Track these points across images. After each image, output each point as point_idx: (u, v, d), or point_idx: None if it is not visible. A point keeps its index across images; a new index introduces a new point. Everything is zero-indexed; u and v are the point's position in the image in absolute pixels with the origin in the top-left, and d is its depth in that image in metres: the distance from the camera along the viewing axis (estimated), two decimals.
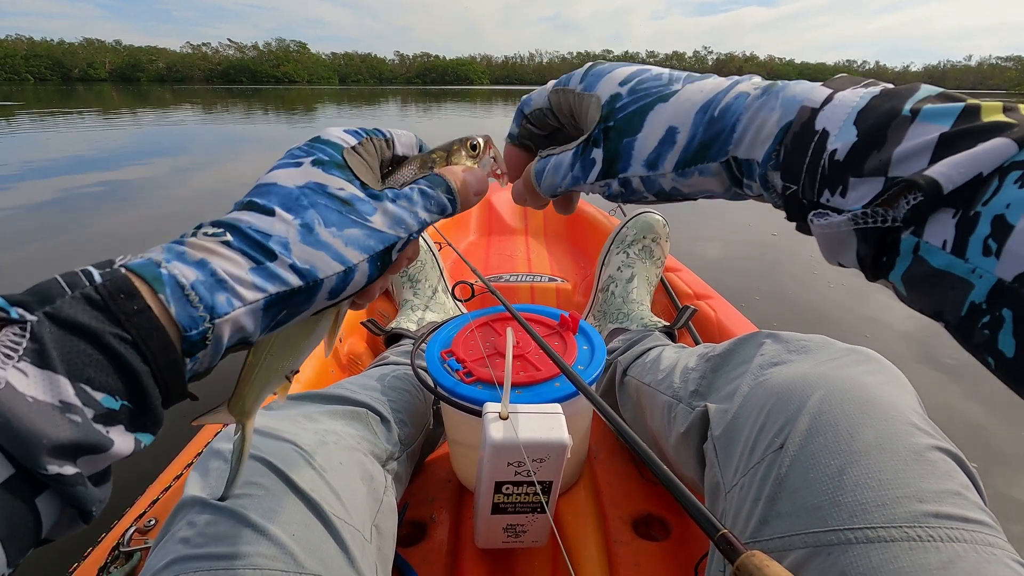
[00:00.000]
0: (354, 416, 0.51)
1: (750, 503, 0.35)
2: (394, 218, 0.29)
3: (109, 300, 0.22)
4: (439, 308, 0.95)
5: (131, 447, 0.23)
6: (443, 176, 0.32)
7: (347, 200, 0.28)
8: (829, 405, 0.35)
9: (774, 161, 0.25)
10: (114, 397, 0.22)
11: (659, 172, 0.29)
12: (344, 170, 0.29)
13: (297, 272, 0.26)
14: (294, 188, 0.27)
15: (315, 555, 0.34)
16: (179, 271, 0.23)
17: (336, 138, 0.30)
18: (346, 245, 0.27)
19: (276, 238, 0.26)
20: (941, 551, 0.27)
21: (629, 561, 0.56)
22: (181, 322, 0.23)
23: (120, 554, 0.48)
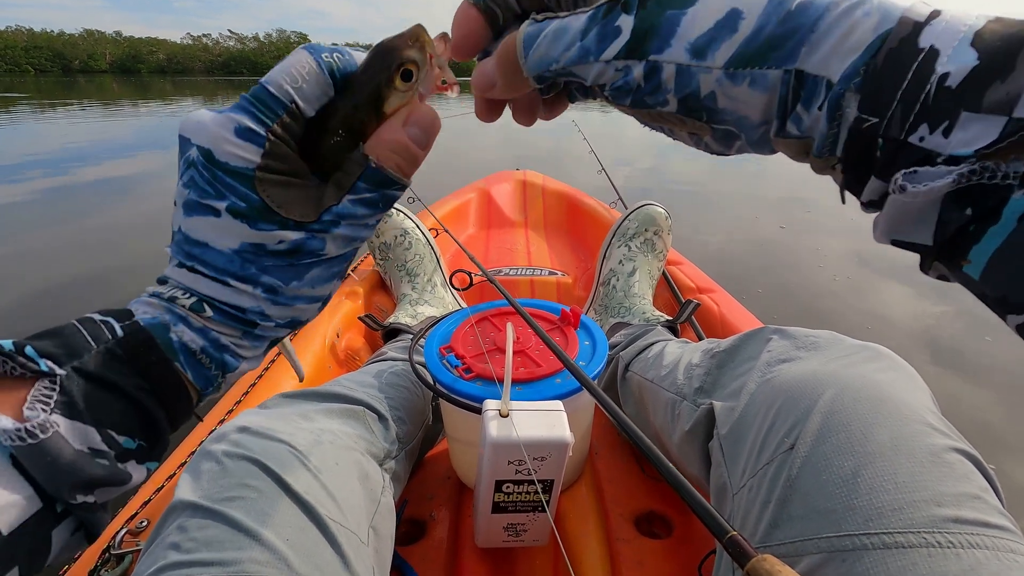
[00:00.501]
0: (351, 414, 0.49)
1: (759, 505, 0.34)
2: (346, 239, 0.27)
3: (131, 354, 0.24)
4: (438, 303, 0.94)
5: (143, 476, 0.25)
6: (381, 170, 0.27)
7: (292, 250, 0.26)
8: (841, 404, 0.34)
9: (860, 79, 0.19)
10: (133, 439, 0.24)
11: (705, 64, 0.22)
12: (271, 217, 0.25)
13: (283, 327, 0.28)
14: (232, 254, 0.26)
15: (309, 560, 0.33)
16: (189, 338, 0.26)
17: (236, 159, 0.25)
18: (314, 288, 0.28)
19: (250, 311, 0.27)
20: (962, 558, 0.26)
21: (632, 559, 0.55)
22: (198, 384, 0.26)
23: (111, 556, 0.47)
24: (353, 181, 0.27)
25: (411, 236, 0.98)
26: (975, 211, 0.17)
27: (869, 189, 0.20)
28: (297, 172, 0.26)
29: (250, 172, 0.25)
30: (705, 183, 3.92)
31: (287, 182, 0.26)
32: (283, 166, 0.26)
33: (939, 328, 1.71)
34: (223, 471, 0.37)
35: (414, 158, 0.27)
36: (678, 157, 5.04)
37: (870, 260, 2.28)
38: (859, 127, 0.19)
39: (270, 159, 0.25)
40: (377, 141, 0.27)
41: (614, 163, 4.46)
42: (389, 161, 0.27)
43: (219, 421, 0.65)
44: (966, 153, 0.16)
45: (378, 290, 1.05)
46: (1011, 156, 0.16)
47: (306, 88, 0.26)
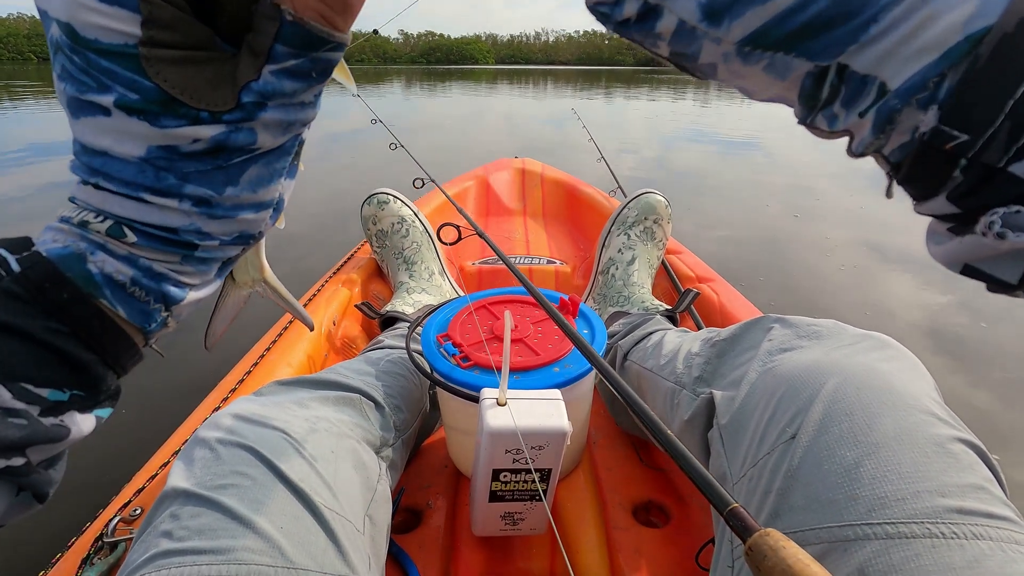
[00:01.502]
0: (347, 402, 0.49)
1: (760, 495, 0.34)
2: (281, 124, 0.22)
3: (35, 292, 0.19)
4: (435, 291, 0.93)
5: (91, 426, 0.21)
6: (301, 23, 0.20)
7: (215, 149, 0.21)
8: (844, 393, 0.33)
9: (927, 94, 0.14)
10: (61, 390, 0.20)
11: (715, 32, 0.18)
12: (174, 108, 0.19)
13: (229, 244, 0.23)
14: (139, 162, 0.20)
15: (304, 548, 0.33)
16: (113, 268, 0.21)
17: (106, 33, 0.18)
18: (255, 191, 0.22)
19: (183, 229, 0.22)
20: (966, 549, 0.25)
21: (629, 548, 0.55)
22: (135, 322, 0.21)
23: (104, 545, 0.46)
24: (269, 44, 0.20)
25: (408, 224, 0.97)
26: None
27: (934, 206, 0.16)
28: (196, 42, 0.20)
29: (131, 50, 0.19)
30: (711, 172, 3.91)
31: (185, 57, 0.19)
32: (175, 36, 0.19)
33: (944, 319, 1.71)
34: (216, 458, 0.36)
35: (343, 2, 0.20)
36: (684, 147, 5.03)
37: (879, 249, 2.27)
38: (938, 144, 0.15)
39: (154, 29, 0.19)
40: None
41: (619, 152, 4.45)
42: (307, 9, 0.20)
43: (213, 408, 0.64)
44: None
45: (375, 278, 1.04)
46: None
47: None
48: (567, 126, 5.54)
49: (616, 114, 8.02)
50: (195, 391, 0.72)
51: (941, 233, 0.16)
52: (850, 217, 2.75)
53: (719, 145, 5.17)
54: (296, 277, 1.62)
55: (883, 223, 2.60)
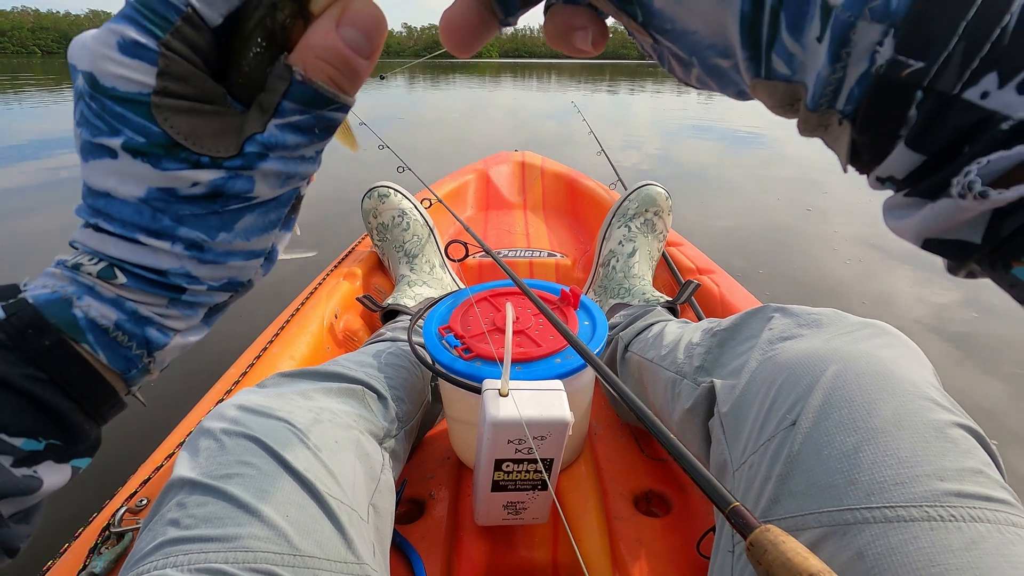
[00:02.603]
0: (350, 393, 0.49)
1: (760, 481, 0.34)
2: (280, 176, 0.22)
3: (16, 338, 0.19)
4: (436, 284, 0.93)
5: (66, 477, 0.21)
6: (309, 84, 0.21)
7: (211, 194, 0.21)
8: (844, 380, 0.34)
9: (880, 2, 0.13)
10: (36, 439, 0.20)
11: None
12: (176, 152, 0.20)
13: (219, 290, 0.23)
14: (138, 204, 0.21)
15: (309, 536, 0.33)
16: (98, 312, 0.21)
17: (124, 83, 0.19)
18: (249, 239, 0.22)
19: (172, 272, 0.22)
20: (964, 531, 0.26)
21: (630, 537, 0.55)
22: (116, 367, 0.21)
23: (111, 535, 0.47)
24: (277, 101, 0.21)
25: (409, 217, 0.97)
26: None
27: (894, 162, 0.15)
28: (207, 96, 0.21)
29: (144, 98, 0.20)
30: (716, 166, 3.90)
31: (194, 108, 0.20)
32: (187, 88, 0.20)
33: (951, 314, 1.71)
34: (221, 448, 0.36)
35: (352, 69, 0.21)
36: (688, 141, 5.02)
37: (886, 244, 2.27)
38: (895, 73, 0.13)
39: (168, 80, 0.20)
40: (303, 47, 0.21)
41: (623, 147, 4.43)
42: (319, 72, 0.21)
43: (217, 400, 0.64)
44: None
45: (376, 271, 1.04)
46: None
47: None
48: (570, 120, 5.53)
49: (620, 108, 8.00)
50: (198, 384, 0.73)
51: (901, 206, 0.15)
52: (858, 212, 2.74)
53: (724, 139, 5.16)
54: (298, 270, 1.62)
55: None
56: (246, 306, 0.36)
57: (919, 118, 0.14)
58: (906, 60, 0.13)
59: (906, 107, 0.14)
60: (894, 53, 0.13)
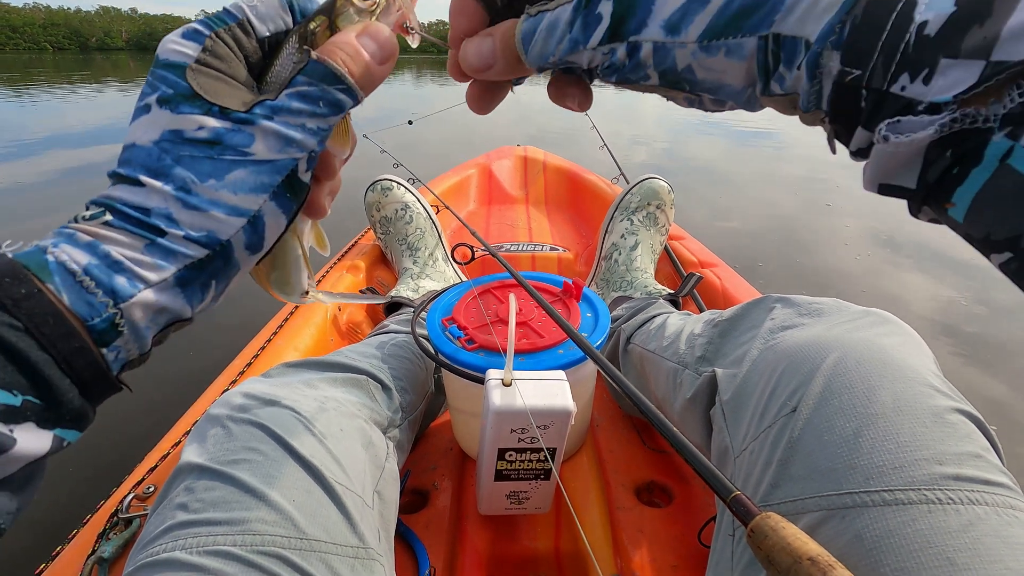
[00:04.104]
0: (354, 383, 0.50)
1: (761, 467, 0.34)
2: (279, 138, 0.24)
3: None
4: (439, 276, 0.93)
5: (46, 445, 0.20)
6: (323, 62, 0.25)
7: (212, 140, 0.23)
8: (844, 367, 0.34)
9: (836, 37, 0.19)
10: (11, 392, 0.19)
11: (679, 39, 0.22)
12: (195, 101, 0.24)
13: (195, 241, 0.24)
14: (151, 146, 0.23)
15: (316, 520, 0.34)
16: (68, 256, 0.21)
17: (174, 55, 0.24)
18: (236, 193, 0.24)
19: (156, 211, 0.23)
20: (961, 514, 0.26)
21: (632, 527, 0.56)
22: (78, 311, 0.21)
23: (119, 520, 0.47)
24: (293, 76, 0.25)
25: (412, 210, 0.97)
26: (957, 153, 0.17)
27: (856, 139, 0.20)
28: (236, 77, 0.25)
29: (184, 63, 0.24)
30: (724, 162, 3.89)
31: (221, 78, 0.25)
32: (221, 65, 0.25)
33: (957, 314, 1.70)
34: (228, 435, 0.37)
35: (364, 63, 0.25)
36: (696, 137, 5.00)
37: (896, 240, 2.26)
38: (843, 80, 0.19)
39: (208, 55, 0.24)
40: (325, 43, 0.26)
41: (631, 143, 4.42)
42: (333, 55, 0.25)
43: (222, 391, 0.65)
44: (945, 99, 0.17)
45: (379, 264, 1.05)
46: (990, 100, 0.16)
47: (261, 7, 0.26)
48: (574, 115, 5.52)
49: (628, 105, 7.97)
50: (204, 375, 0.73)
51: (865, 167, 0.20)
52: (867, 209, 2.73)
53: (732, 136, 5.14)
54: None
55: (902, 216, 2.60)
56: (251, 298, 0.36)
57: (867, 107, 0.19)
58: (849, 70, 0.19)
59: (857, 102, 0.19)
60: (841, 66, 0.19)
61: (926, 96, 0.17)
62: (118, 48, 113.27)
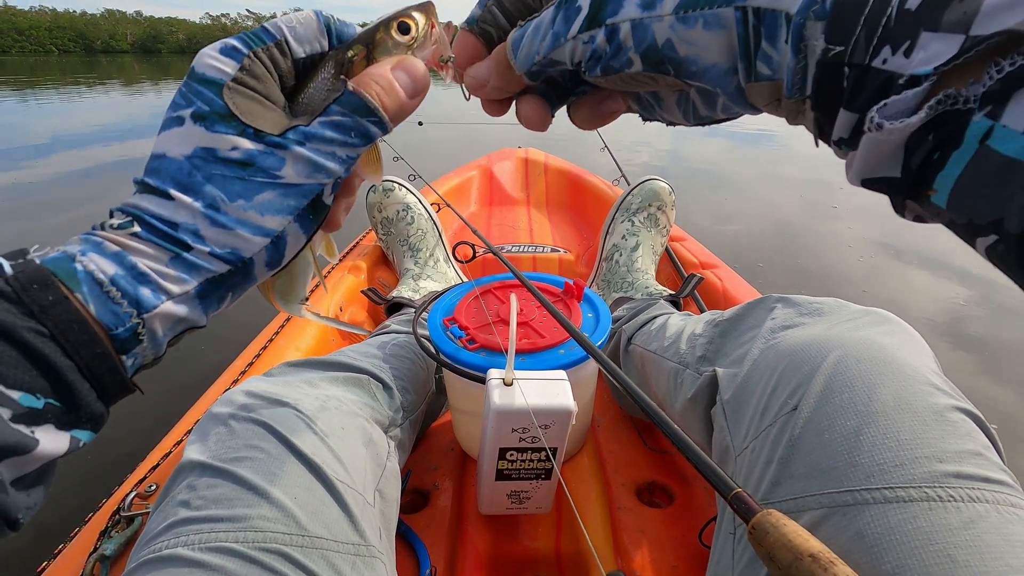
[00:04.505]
0: (356, 382, 0.50)
1: (762, 465, 0.34)
2: (309, 164, 0.25)
3: (21, 292, 0.20)
4: (440, 277, 0.94)
5: (64, 446, 0.21)
6: (359, 94, 0.25)
7: (245, 161, 0.24)
8: (845, 366, 0.34)
9: (819, 6, 0.19)
10: (35, 395, 0.20)
11: (655, 12, 0.23)
12: (230, 121, 0.24)
13: (219, 258, 0.24)
14: (183, 160, 0.24)
15: (317, 518, 0.34)
16: (96, 265, 0.22)
17: (211, 70, 0.25)
18: (262, 215, 0.25)
19: (184, 226, 0.23)
20: (962, 511, 0.26)
21: (633, 527, 0.56)
22: (104, 321, 0.21)
23: (121, 519, 0.47)
24: (328, 105, 0.25)
25: (413, 211, 0.97)
26: (938, 137, 0.17)
27: (839, 124, 0.20)
28: (271, 97, 0.26)
29: (221, 81, 0.24)
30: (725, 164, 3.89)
31: (256, 98, 0.25)
32: (257, 85, 0.25)
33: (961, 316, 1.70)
34: (230, 433, 0.37)
35: (397, 97, 0.26)
36: (697, 139, 4.99)
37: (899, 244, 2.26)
38: (826, 57, 0.19)
39: (245, 74, 0.25)
40: (361, 74, 0.26)
41: (633, 145, 4.41)
42: (368, 88, 0.26)
43: (225, 389, 0.65)
44: (926, 71, 0.17)
45: (380, 265, 1.05)
46: (970, 79, 0.16)
47: (299, 29, 0.26)
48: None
49: None
50: (206, 374, 0.73)
51: (849, 161, 0.20)
52: (871, 212, 2.72)
53: (734, 138, 5.13)
54: None
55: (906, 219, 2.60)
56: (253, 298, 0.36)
57: (849, 86, 0.19)
58: (832, 47, 0.19)
59: (840, 80, 0.19)
60: (825, 43, 0.19)
61: (907, 68, 0.17)
62: (123, 51, 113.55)
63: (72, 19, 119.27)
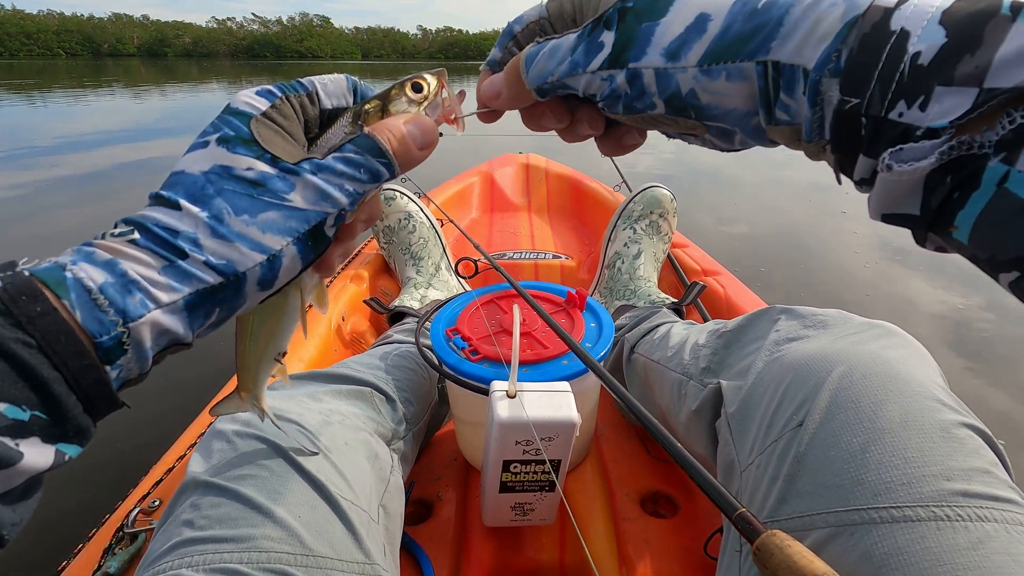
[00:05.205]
0: (358, 395, 0.50)
1: (767, 482, 0.34)
2: (317, 193, 0.26)
3: (9, 303, 0.20)
4: (442, 286, 0.94)
5: (49, 460, 0.21)
6: (372, 137, 0.28)
7: (257, 181, 0.25)
8: (850, 381, 0.34)
9: (833, 64, 0.20)
10: (20, 407, 0.20)
11: (680, 64, 0.24)
12: (251, 146, 0.26)
13: (213, 268, 0.24)
14: (199, 175, 0.25)
15: (322, 537, 0.34)
16: (86, 273, 0.22)
17: (245, 105, 0.27)
18: (264, 232, 0.25)
19: (184, 234, 0.24)
20: (970, 531, 0.26)
21: (637, 538, 0.56)
22: (89, 328, 0.21)
23: (124, 535, 0.47)
24: (343, 143, 0.28)
25: (415, 220, 0.97)
26: (956, 179, 0.18)
27: (859, 168, 0.21)
28: (293, 135, 0.28)
29: (251, 114, 0.27)
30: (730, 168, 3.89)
31: (279, 132, 0.27)
32: (283, 121, 0.27)
33: (966, 320, 1.69)
34: (234, 450, 0.37)
35: (407, 147, 0.28)
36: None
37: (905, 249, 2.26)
38: (842, 108, 0.20)
39: (274, 112, 0.27)
40: (376, 123, 0.29)
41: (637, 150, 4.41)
42: (382, 133, 0.28)
43: None
44: (943, 124, 0.18)
45: (382, 274, 1.05)
46: (983, 127, 0.17)
47: (330, 86, 0.30)
48: None
49: None
50: (209, 388, 0.73)
51: (870, 196, 0.21)
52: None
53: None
54: None
55: None
56: None
57: (867, 135, 0.20)
58: (848, 99, 0.20)
59: (858, 129, 0.20)
60: (840, 95, 0.20)
61: (923, 122, 0.18)
62: (129, 54, 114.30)
63: (79, 23, 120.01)
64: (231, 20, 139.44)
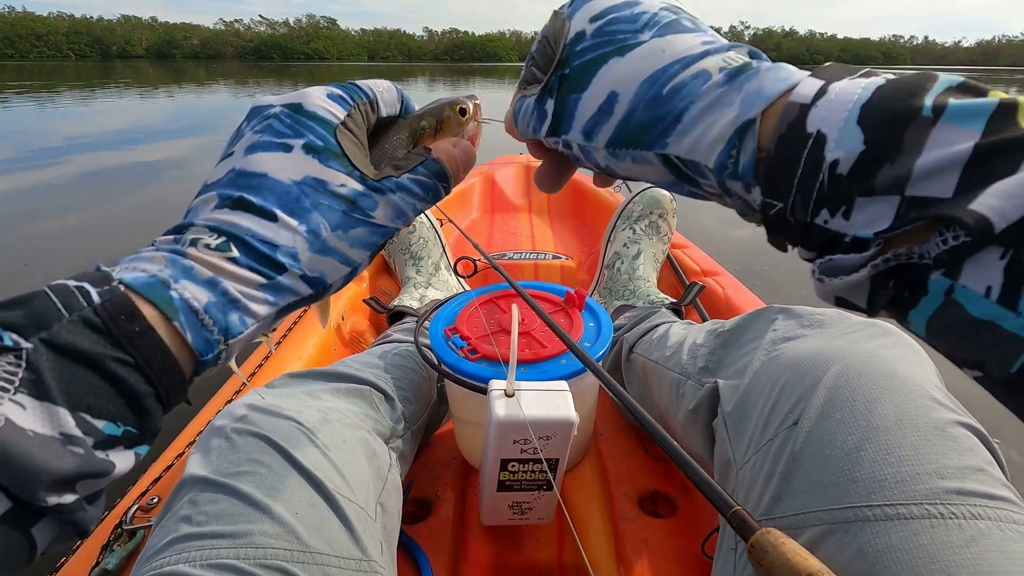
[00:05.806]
0: (357, 393, 0.50)
1: (763, 480, 0.34)
2: (396, 210, 0.28)
3: (109, 323, 0.21)
4: (442, 286, 0.94)
5: (130, 464, 0.22)
6: (440, 162, 0.30)
7: (350, 198, 0.27)
8: (846, 379, 0.34)
9: (731, 170, 0.20)
10: (116, 423, 0.21)
11: (593, 144, 0.25)
12: (342, 160, 0.27)
13: (307, 281, 0.26)
14: (292, 185, 0.25)
15: (319, 533, 0.34)
16: (191, 294, 0.23)
17: (323, 111, 0.28)
18: (352, 247, 0.27)
19: (284, 248, 0.25)
20: (964, 528, 0.26)
21: (636, 538, 0.56)
22: (197, 348, 0.22)
23: (123, 532, 0.47)
24: (415, 165, 0.30)
25: (415, 220, 0.97)
26: (900, 285, 0.18)
27: (800, 253, 0.21)
28: (359, 141, 0.29)
29: (333, 123, 0.27)
30: None
31: (359, 144, 0.29)
32: (355, 129, 0.29)
33: None
34: (232, 447, 0.37)
35: (457, 170, 0.31)
36: None
37: None
38: (767, 212, 0.20)
39: (351, 120, 0.29)
40: (437, 144, 0.32)
41: None
42: (445, 157, 0.31)
43: (226, 401, 0.65)
44: (867, 235, 0.17)
45: (382, 273, 1.05)
46: (919, 239, 0.16)
47: (386, 95, 0.32)
48: None
49: None
50: (208, 386, 0.73)
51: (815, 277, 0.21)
52: None
53: None
54: None
55: None
56: None
57: (798, 233, 0.20)
58: (772, 202, 0.20)
59: (788, 228, 0.20)
60: (763, 197, 0.20)
61: (849, 231, 0.18)
62: (138, 56, 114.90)
63: (89, 24, 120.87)
64: (238, 22, 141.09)
